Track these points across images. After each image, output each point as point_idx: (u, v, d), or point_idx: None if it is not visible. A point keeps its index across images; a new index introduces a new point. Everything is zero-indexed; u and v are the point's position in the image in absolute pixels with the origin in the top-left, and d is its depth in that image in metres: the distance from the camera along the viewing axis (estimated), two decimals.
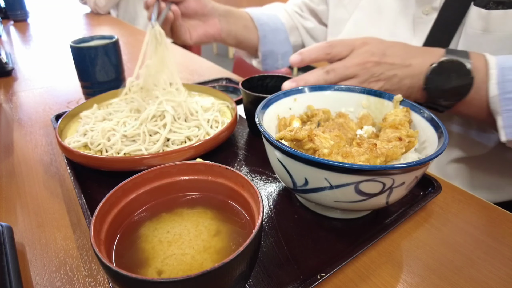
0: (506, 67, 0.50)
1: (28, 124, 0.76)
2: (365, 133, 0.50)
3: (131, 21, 2.18)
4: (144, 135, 0.58)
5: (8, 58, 1.12)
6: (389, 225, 0.44)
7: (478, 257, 0.41)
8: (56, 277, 0.39)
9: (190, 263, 0.31)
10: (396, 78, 0.56)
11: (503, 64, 0.51)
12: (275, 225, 0.45)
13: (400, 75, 0.55)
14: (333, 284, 0.38)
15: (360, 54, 0.56)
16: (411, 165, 0.35)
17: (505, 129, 0.51)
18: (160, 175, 0.38)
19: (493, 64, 0.51)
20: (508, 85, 0.50)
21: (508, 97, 0.50)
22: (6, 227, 0.43)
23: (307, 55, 0.58)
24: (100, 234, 0.31)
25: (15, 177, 0.58)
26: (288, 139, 0.42)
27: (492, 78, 0.51)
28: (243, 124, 0.72)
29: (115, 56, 0.79)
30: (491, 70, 0.51)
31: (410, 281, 0.38)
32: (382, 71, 0.55)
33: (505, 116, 0.50)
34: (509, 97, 0.50)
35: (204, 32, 0.81)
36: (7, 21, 1.81)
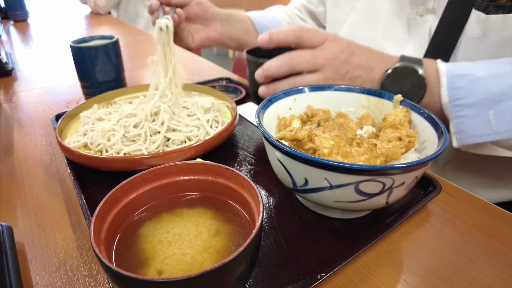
0: (454, 75, 0.52)
1: (28, 124, 0.76)
2: (365, 133, 0.50)
3: (131, 21, 2.18)
4: (145, 135, 0.58)
5: (8, 58, 1.12)
6: (389, 225, 0.44)
7: (478, 257, 0.41)
8: (56, 277, 0.39)
9: (190, 263, 0.31)
10: (359, 79, 0.56)
11: (452, 71, 0.52)
12: (275, 225, 0.45)
13: (364, 77, 0.56)
14: (333, 284, 0.38)
15: (331, 48, 0.55)
16: (411, 165, 0.35)
17: (455, 135, 0.52)
18: (160, 175, 0.38)
19: (443, 71, 0.53)
20: (457, 92, 0.51)
21: (457, 103, 0.51)
22: (6, 227, 0.43)
23: (275, 35, 0.56)
24: (100, 234, 0.31)
25: (15, 177, 0.58)
26: (288, 139, 0.42)
27: (443, 85, 0.52)
28: (243, 124, 0.72)
29: (115, 56, 0.79)
30: (441, 77, 0.53)
31: (410, 281, 0.38)
32: (348, 70, 0.55)
33: (456, 123, 0.51)
34: (458, 104, 0.51)
35: (206, 35, 0.82)
36: (7, 21, 1.81)
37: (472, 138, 0.51)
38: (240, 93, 0.85)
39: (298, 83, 0.55)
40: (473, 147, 0.54)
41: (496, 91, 0.49)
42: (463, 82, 0.51)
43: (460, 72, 0.52)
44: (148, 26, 2.20)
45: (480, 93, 0.50)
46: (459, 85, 0.51)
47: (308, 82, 0.55)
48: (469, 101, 0.50)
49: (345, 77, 0.55)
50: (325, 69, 0.55)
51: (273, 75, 0.56)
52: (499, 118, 0.49)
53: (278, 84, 0.57)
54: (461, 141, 0.52)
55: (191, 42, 0.80)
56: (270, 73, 0.56)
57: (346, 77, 0.55)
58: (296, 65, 0.54)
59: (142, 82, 0.99)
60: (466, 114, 0.51)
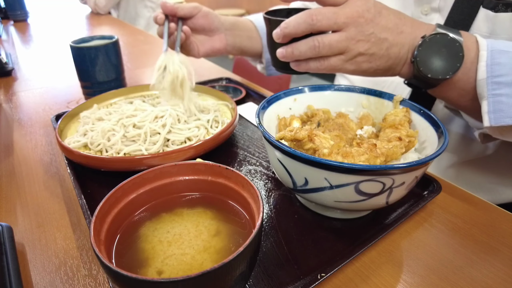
0: (496, 50, 0.48)
1: (28, 124, 0.76)
2: (365, 133, 0.50)
3: (131, 21, 2.18)
4: (145, 135, 0.58)
5: (8, 58, 1.12)
6: (389, 225, 0.44)
7: (478, 257, 0.41)
8: (56, 277, 0.39)
9: (190, 263, 0.31)
10: (386, 43, 0.51)
11: (493, 46, 0.49)
12: (275, 225, 0.45)
13: (391, 41, 0.51)
14: (333, 284, 0.38)
15: (356, 6, 0.50)
16: (411, 165, 0.35)
17: (489, 114, 0.48)
18: (160, 175, 0.38)
19: (484, 46, 0.49)
20: (497, 68, 0.48)
21: (496, 81, 0.47)
22: (6, 227, 0.43)
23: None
24: (100, 234, 0.31)
25: (15, 177, 0.58)
26: (288, 139, 0.42)
27: (482, 59, 0.49)
28: (243, 124, 0.72)
29: (115, 56, 0.79)
30: (481, 51, 0.49)
31: (410, 281, 0.38)
32: (374, 31, 0.50)
33: (491, 101, 0.48)
34: (497, 81, 0.47)
35: (211, 47, 0.82)
36: (7, 21, 1.81)
37: (509, 118, 0.47)
38: (240, 93, 0.85)
39: (317, 42, 0.50)
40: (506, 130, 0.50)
41: None
42: (505, 58, 0.47)
43: (502, 48, 0.48)
44: (148, 26, 2.20)
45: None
46: (500, 61, 0.47)
47: (328, 42, 0.50)
48: (510, 79, 0.47)
49: (370, 39, 0.50)
50: (348, 28, 0.50)
51: (291, 33, 0.51)
52: None
53: (296, 44, 0.52)
54: (495, 121, 0.47)
55: (196, 53, 0.81)
56: (288, 31, 0.51)
57: (371, 38, 0.50)
58: (316, 22, 0.49)
59: (142, 82, 0.99)
60: (505, 93, 0.47)
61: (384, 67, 0.53)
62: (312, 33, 0.50)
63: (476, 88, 0.50)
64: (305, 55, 0.51)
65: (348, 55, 0.51)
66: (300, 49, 0.51)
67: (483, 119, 0.48)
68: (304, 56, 0.51)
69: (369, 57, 0.51)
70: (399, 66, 0.53)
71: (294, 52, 0.52)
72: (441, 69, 0.50)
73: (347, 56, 0.51)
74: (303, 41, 0.51)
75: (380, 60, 0.51)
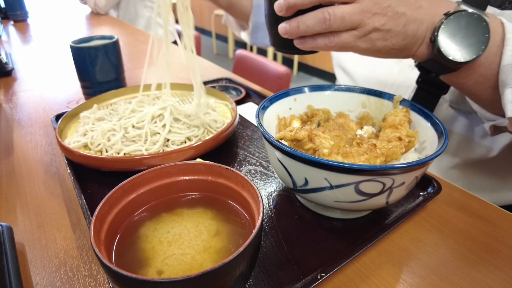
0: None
1: (28, 124, 0.76)
2: (365, 133, 0.50)
3: (131, 21, 2.17)
4: (145, 136, 0.58)
5: (8, 58, 1.12)
6: (389, 225, 0.44)
7: (478, 257, 0.41)
8: (56, 277, 0.39)
9: (190, 263, 0.31)
10: (403, 18, 0.45)
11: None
12: (275, 225, 0.45)
13: (409, 16, 0.45)
14: (333, 284, 0.38)
15: None
16: (411, 165, 0.35)
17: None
18: (160, 175, 0.38)
19: (511, 29, 0.45)
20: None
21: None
22: (6, 227, 0.43)
23: None
24: (100, 234, 0.31)
25: (15, 177, 0.58)
26: (288, 139, 0.42)
27: (508, 43, 0.44)
28: (243, 124, 0.72)
29: (115, 56, 0.79)
30: (508, 34, 0.45)
31: (410, 281, 0.38)
32: (390, 4, 0.44)
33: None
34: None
35: None
36: (7, 21, 1.81)
37: None
38: (240, 93, 0.85)
39: (328, 14, 0.44)
40: None
41: None
42: None
43: None
44: (148, 26, 2.20)
45: None
46: None
47: (341, 14, 0.43)
48: None
49: (386, 12, 0.44)
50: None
51: (297, 4, 0.45)
52: None
53: (302, 18, 0.45)
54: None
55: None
56: (294, 2, 0.44)
57: (388, 12, 0.44)
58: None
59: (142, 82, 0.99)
60: None
61: (400, 46, 0.47)
62: (321, 5, 0.44)
63: (499, 75, 0.45)
64: (312, 30, 0.45)
65: (361, 30, 0.45)
66: (307, 23, 0.45)
67: (507, 108, 0.44)
68: (311, 31, 0.45)
69: (384, 34, 0.45)
70: (416, 45, 0.48)
71: (300, 26, 0.46)
72: (464, 51, 0.45)
73: (360, 32, 0.45)
74: (311, 14, 0.45)
75: (396, 38, 0.46)
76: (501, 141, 0.65)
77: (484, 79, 0.47)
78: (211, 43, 4.75)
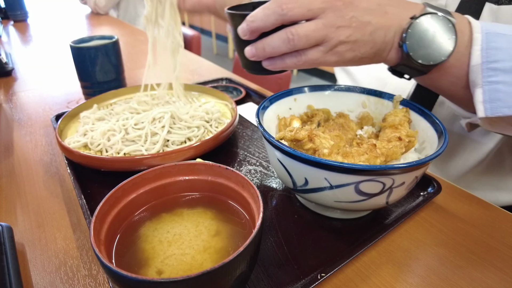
0: (491, 33, 0.44)
1: (28, 124, 0.76)
2: (365, 133, 0.51)
3: (131, 21, 2.18)
4: (145, 136, 0.58)
5: (8, 58, 1.12)
6: (389, 225, 0.44)
7: (478, 257, 0.41)
8: (56, 277, 0.39)
9: (190, 263, 0.31)
10: (369, 27, 0.45)
11: (488, 29, 0.44)
12: (275, 225, 0.45)
13: (374, 24, 0.45)
14: (333, 284, 0.38)
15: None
16: (411, 165, 0.35)
17: (484, 104, 0.43)
18: (160, 175, 0.38)
19: (478, 28, 0.45)
20: (494, 53, 0.43)
21: (492, 67, 0.43)
22: (6, 227, 0.43)
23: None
24: (100, 234, 0.31)
25: (15, 177, 0.58)
26: (288, 139, 0.42)
27: (476, 43, 0.44)
28: (243, 124, 0.72)
29: (115, 56, 0.79)
30: (475, 34, 0.45)
31: (410, 281, 0.38)
32: (354, 15, 0.44)
33: (488, 89, 0.43)
34: (494, 67, 0.43)
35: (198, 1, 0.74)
36: (7, 21, 1.81)
37: (508, 109, 0.43)
38: (240, 93, 0.85)
39: (291, 34, 0.43)
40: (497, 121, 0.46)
41: None
42: (503, 42, 0.43)
43: (499, 31, 0.44)
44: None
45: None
46: (497, 45, 0.43)
47: (304, 32, 0.43)
48: (508, 65, 0.42)
49: (351, 23, 0.44)
50: (325, 14, 0.44)
51: (259, 27, 0.44)
52: None
53: (267, 40, 0.45)
54: (491, 111, 0.43)
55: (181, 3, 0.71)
56: (256, 25, 0.44)
57: (352, 23, 0.44)
58: (288, 11, 0.43)
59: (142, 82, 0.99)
60: (502, 80, 0.43)
61: (370, 54, 0.47)
62: (284, 25, 0.44)
63: (469, 75, 0.45)
64: (278, 51, 0.45)
65: (327, 45, 0.44)
66: (273, 45, 0.45)
67: (477, 109, 0.44)
68: (278, 52, 0.45)
69: (352, 45, 0.45)
70: (386, 51, 0.48)
71: (266, 48, 0.45)
72: (432, 54, 0.45)
73: (326, 47, 0.44)
74: (275, 35, 0.45)
75: (364, 47, 0.45)
76: (501, 141, 0.65)
77: (457, 79, 0.47)
78: (211, 43, 4.75)
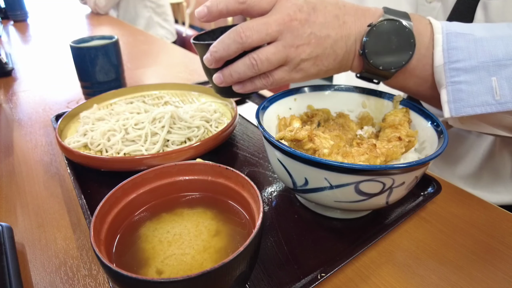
0: (451, 33, 0.44)
1: (28, 124, 0.76)
2: (365, 133, 0.51)
3: (131, 21, 2.18)
4: (146, 136, 0.58)
5: (8, 58, 1.12)
6: (389, 225, 0.44)
7: (478, 257, 0.41)
8: (56, 277, 0.39)
9: (190, 263, 0.31)
10: (329, 40, 0.45)
11: (448, 29, 0.44)
12: (275, 225, 0.45)
13: (334, 36, 0.45)
14: (333, 284, 0.38)
15: (285, 8, 0.44)
16: (411, 165, 0.35)
17: (449, 104, 0.44)
18: (160, 175, 0.38)
19: (438, 29, 0.45)
20: (455, 53, 0.43)
21: (454, 67, 0.43)
22: (6, 227, 0.43)
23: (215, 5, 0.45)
24: (100, 234, 0.31)
25: (15, 177, 0.58)
26: (288, 139, 0.42)
27: (437, 44, 0.45)
28: (243, 124, 0.72)
29: (115, 56, 0.79)
30: (436, 35, 0.45)
31: (410, 281, 0.38)
32: (312, 31, 0.45)
33: (451, 89, 0.44)
34: (455, 67, 0.43)
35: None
36: (7, 21, 1.81)
37: (470, 108, 0.43)
38: None
39: (253, 60, 0.45)
40: (467, 119, 0.46)
41: (501, 55, 0.42)
42: (462, 42, 0.43)
43: (459, 30, 0.44)
44: (148, 26, 2.20)
45: (482, 55, 0.43)
46: (457, 45, 0.43)
47: (265, 57, 0.44)
48: (469, 65, 0.43)
49: (309, 41, 0.45)
50: (282, 36, 0.44)
51: (222, 57, 0.46)
52: (503, 85, 0.42)
53: (232, 66, 0.47)
54: (455, 111, 0.44)
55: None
56: (219, 55, 0.46)
57: (311, 40, 0.45)
58: (246, 39, 0.44)
59: (142, 82, 0.99)
60: (464, 80, 0.43)
61: (334, 65, 0.48)
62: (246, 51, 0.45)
63: (434, 76, 0.46)
64: (245, 76, 0.46)
65: (290, 64, 0.46)
66: (238, 71, 0.46)
67: (443, 109, 0.45)
68: (244, 77, 0.47)
69: (314, 60, 0.46)
70: (350, 60, 0.48)
71: (233, 75, 0.47)
72: (392, 59, 0.46)
73: (290, 66, 0.46)
74: (239, 62, 0.46)
75: (327, 60, 0.46)
76: (502, 141, 0.65)
77: (422, 80, 0.48)
78: None
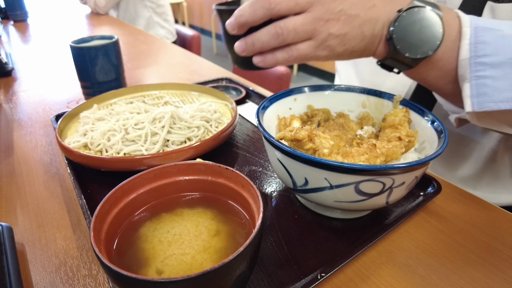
0: (480, 27, 0.44)
1: (28, 124, 0.76)
2: (365, 133, 0.51)
3: (131, 21, 2.18)
4: (146, 136, 0.58)
5: (8, 58, 1.12)
6: (389, 225, 0.44)
7: (478, 257, 0.41)
8: (56, 277, 0.39)
9: (190, 263, 0.31)
10: (358, 20, 0.45)
11: (477, 23, 0.44)
12: (275, 225, 0.45)
13: (363, 17, 0.45)
14: (333, 284, 0.38)
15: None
16: (411, 165, 0.35)
17: (471, 99, 0.43)
18: (160, 175, 0.38)
19: (467, 22, 0.44)
20: (482, 47, 0.43)
21: (480, 61, 0.43)
22: (6, 227, 0.43)
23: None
24: (100, 234, 0.31)
25: (15, 177, 0.58)
26: (288, 139, 0.42)
27: (465, 37, 0.44)
28: (243, 124, 0.72)
29: (115, 56, 0.79)
30: (464, 28, 0.44)
31: (410, 281, 0.38)
32: (343, 8, 0.44)
33: (475, 84, 0.43)
34: (482, 62, 0.43)
35: None
36: (7, 21, 1.81)
37: (494, 104, 0.42)
38: (240, 93, 0.85)
39: (280, 29, 0.44)
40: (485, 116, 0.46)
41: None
42: (490, 36, 0.43)
43: (487, 25, 0.44)
44: (148, 26, 2.20)
45: (510, 52, 0.42)
46: (485, 39, 0.43)
47: (293, 26, 0.43)
48: (496, 60, 0.42)
49: (339, 17, 0.44)
50: (313, 7, 0.44)
51: (247, 22, 0.44)
52: None
53: (256, 34, 0.45)
54: (478, 106, 0.43)
55: None
56: (244, 20, 0.44)
57: (341, 16, 0.44)
58: (275, 6, 0.43)
59: (142, 82, 0.99)
60: (489, 75, 0.43)
61: (360, 47, 0.47)
62: (272, 19, 0.44)
63: (458, 69, 0.45)
64: (268, 46, 0.45)
65: (317, 39, 0.44)
66: (262, 39, 0.45)
67: (465, 103, 0.44)
68: (267, 46, 0.45)
69: (342, 39, 0.45)
70: (375, 44, 0.47)
71: (255, 43, 0.46)
72: (419, 47, 0.45)
73: (317, 41, 0.45)
74: (264, 30, 0.45)
75: (354, 40, 0.46)
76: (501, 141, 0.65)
77: (444, 73, 0.47)
78: (211, 43, 4.75)
